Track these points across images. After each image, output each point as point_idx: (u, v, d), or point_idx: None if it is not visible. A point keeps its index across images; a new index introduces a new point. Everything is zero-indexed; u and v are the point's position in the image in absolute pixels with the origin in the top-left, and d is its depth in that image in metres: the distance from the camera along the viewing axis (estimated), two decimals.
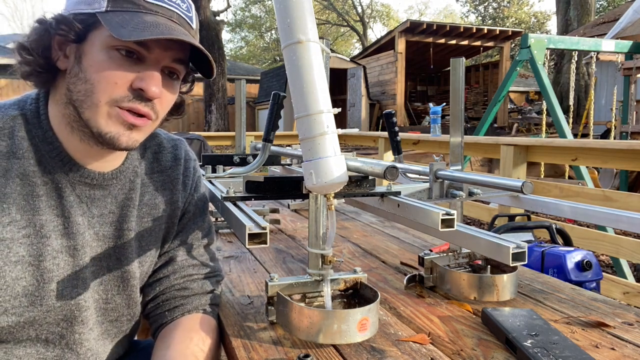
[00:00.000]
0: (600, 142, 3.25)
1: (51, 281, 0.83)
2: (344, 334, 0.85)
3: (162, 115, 0.88)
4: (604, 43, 6.14)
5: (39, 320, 0.84)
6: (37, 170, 0.83)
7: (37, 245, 0.82)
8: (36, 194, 0.82)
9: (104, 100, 0.79)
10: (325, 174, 0.81)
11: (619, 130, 7.21)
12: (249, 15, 35.28)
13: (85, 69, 0.80)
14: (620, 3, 20.06)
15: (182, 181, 1.03)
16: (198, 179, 1.08)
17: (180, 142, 1.07)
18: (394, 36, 14.10)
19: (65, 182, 0.85)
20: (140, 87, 0.80)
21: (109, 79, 0.79)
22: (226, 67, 13.44)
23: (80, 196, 0.87)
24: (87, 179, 0.87)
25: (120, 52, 0.79)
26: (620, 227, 1.19)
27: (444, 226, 0.93)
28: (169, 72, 0.85)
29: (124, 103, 0.80)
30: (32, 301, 0.82)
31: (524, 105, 16.95)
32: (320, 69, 0.81)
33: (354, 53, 31.95)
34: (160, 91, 0.82)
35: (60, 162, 0.85)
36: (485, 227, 2.72)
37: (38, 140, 0.84)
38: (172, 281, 1.00)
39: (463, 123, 1.26)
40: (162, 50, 0.82)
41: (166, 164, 1.02)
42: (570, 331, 0.91)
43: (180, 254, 1.02)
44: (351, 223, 1.91)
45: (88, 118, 0.80)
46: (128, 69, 0.79)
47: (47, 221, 0.83)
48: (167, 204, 1.00)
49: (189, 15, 0.87)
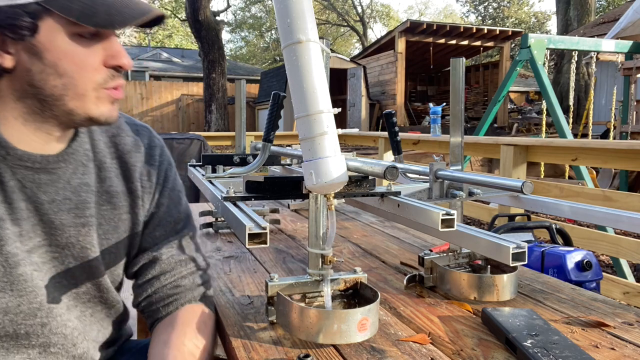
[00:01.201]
0: (600, 142, 3.25)
1: (18, 265, 0.81)
2: (344, 334, 0.85)
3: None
4: (604, 43, 6.14)
5: (12, 308, 0.82)
6: None
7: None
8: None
9: (90, 87, 0.80)
10: (325, 174, 0.81)
11: (618, 130, 7.21)
12: (249, 15, 35.30)
13: (54, 63, 0.77)
14: (620, 3, 20.06)
15: (144, 170, 0.98)
16: (168, 168, 1.03)
17: (144, 128, 1.02)
18: (394, 36, 14.10)
19: (4, 167, 0.81)
20: (117, 64, 0.81)
21: (88, 66, 0.79)
22: (226, 67, 13.45)
23: (22, 181, 0.83)
24: (27, 162, 0.82)
25: (85, 36, 0.78)
26: (620, 227, 1.19)
27: (444, 226, 0.93)
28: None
29: (107, 84, 0.81)
30: (2, 287, 0.81)
31: (524, 105, 16.96)
32: (320, 69, 0.81)
33: (354, 53, 31.96)
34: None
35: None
36: (485, 227, 2.72)
37: None
38: (162, 282, 0.99)
39: (463, 123, 1.26)
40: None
41: (124, 149, 0.96)
42: (570, 331, 0.91)
43: (164, 251, 0.99)
44: (351, 223, 1.91)
45: (73, 108, 0.80)
46: (97, 49, 0.80)
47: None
48: (126, 193, 0.96)
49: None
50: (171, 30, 34.08)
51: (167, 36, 34.46)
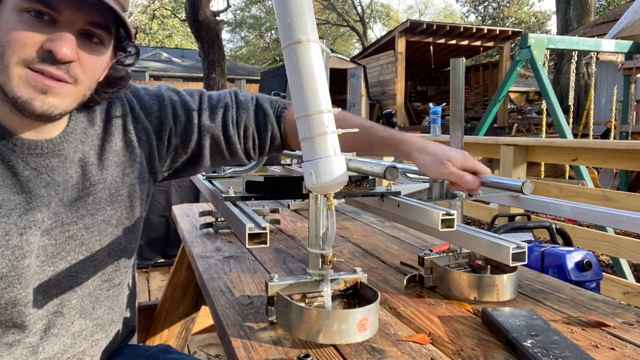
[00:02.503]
0: (600, 142, 3.25)
1: (24, 257, 0.82)
2: (344, 334, 0.85)
3: (85, 80, 0.83)
4: (604, 43, 6.14)
5: (20, 301, 0.83)
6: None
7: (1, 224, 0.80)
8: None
9: (14, 61, 0.76)
10: (325, 174, 0.80)
11: (619, 130, 7.21)
12: (249, 15, 35.29)
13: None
14: (620, 3, 20.06)
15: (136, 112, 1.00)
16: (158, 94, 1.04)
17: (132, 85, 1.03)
18: (394, 36, 14.10)
19: (15, 159, 0.83)
20: (49, 48, 0.77)
21: (18, 40, 0.76)
22: (226, 67, 13.45)
23: (37, 169, 0.85)
24: (36, 150, 0.85)
25: (30, 13, 0.76)
26: (620, 227, 1.19)
27: (444, 226, 0.93)
28: (88, 35, 0.82)
29: (35, 64, 0.77)
30: (11, 282, 0.82)
31: (524, 105, 16.95)
32: (320, 69, 0.81)
33: (354, 53, 31.95)
34: (73, 54, 0.79)
35: (2, 139, 0.82)
36: (485, 227, 2.72)
37: None
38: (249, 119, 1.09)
39: (463, 123, 1.26)
40: (73, 12, 0.79)
41: (116, 112, 0.98)
42: (570, 331, 0.91)
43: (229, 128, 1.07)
44: (351, 223, 1.91)
45: (3, 82, 0.78)
46: (38, 30, 0.77)
47: (5, 200, 0.81)
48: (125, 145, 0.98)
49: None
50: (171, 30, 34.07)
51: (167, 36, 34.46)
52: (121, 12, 0.80)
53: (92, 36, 0.82)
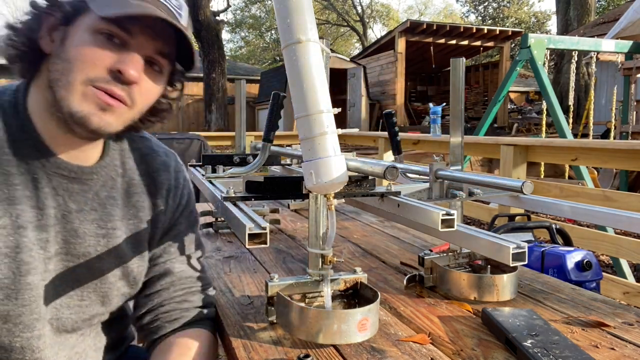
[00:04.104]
0: (600, 142, 3.25)
1: (28, 274, 0.81)
2: (344, 334, 0.85)
3: (139, 104, 0.85)
4: (604, 43, 6.14)
5: (12, 318, 0.81)
6: (13, 160, 0.81)
7: (14, 237, 0.79)
8: (11, 183, 0.80)
9: (80, 78, 0.78)
10: (325, 174, 0.81)
11: (619, 130, 7.21)
12: (249, 15, 35.28)
13: (67, 49, 0.79)
14: (620, 3, 20.06)
15: (171, 190, 1.01)
16: (189, 193, 1.07)
17: (171, 153, 1.06)
18: (394, 36, 14.10)
19: (41, 173, 0.83)
20: (118, 68, 0.78)
21: (88, 58, 0.78)
22: (226, 67, 13.45)
23: (56, 188, 0.85)
24: (64, 171, 0.85)
25: (104, 34, 0.78)
26: (620, 227, 1.19)
27: (444, 226, 0.93)
28: (151, 63, 0.84)
29: (100, 83, 0.79)
30: (8, 294, 0.80)
31: (524, 105, 16.95)
32: (320, 69, 0.81)
33: (354, 53, 31.94)
34: (140, 76, 0.81)
35: (37, 151, 0.83)
36: (485, 227, 2.72)
37: (15, 129, 0.82)
38: (171, 293, 0.99)
39: (463, 123, 1.26)
40: (146, 39, 0.81)
41: (154, 167, 1.00)
42: (570, 331, 0.91)
43: (177, 266, 1.01)
44: (351, 223, 1.91)
45: (61, 97, 0.79)
46: (109, 52, 0.79)
47: (23, 211, 0.81)
48: (151, 208, 0.98)
49: (179, 12, 0.85)
50: None
51: None
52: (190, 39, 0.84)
53: (154, 64, 0.85)
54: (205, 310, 1.01)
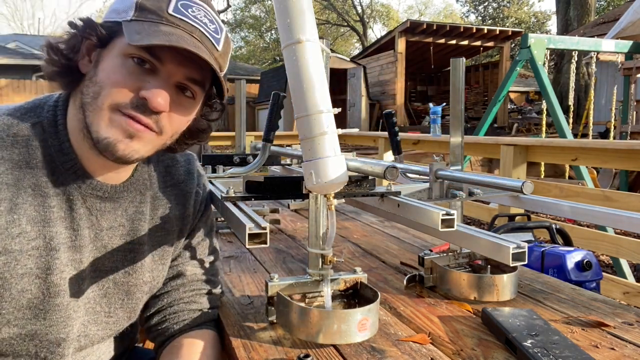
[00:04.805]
0: (600, 142, 3.25)
1: (57, 295, 0.81)
2: (344, 334, 0.85)
3: (170, 132, 0.85)
4: (604, 43, 6.14)
5: (40, 335, 0.82)
6: (50, 181, 0.81)
7: (45, 258, 0.80)
8: (48, 205, 0.80)
9: (107, 103, 0.78)
10: (325, 174, 0.81)
11: (618, 130, 7.21)
12: (249, 15, 35.27)
13: (98, 72, 0.79)
14: (620, 3, 20.06)
15: (195, 196, 1.02)
16: (208, 196, 1.08)
17: (192, 157, 1.06)
18: (394, 36, 14.10)
19: (77, 194, 0.84)
20: (145, 96, 0.78)
21: (116, 83, 0.78)
22: None
23: (90, 208, 0.86)
24: (98, 192, 0.86)
25: (134, 60, 0.78)
26: (620, 227, 1.19)
27: (444, 226, 0.93)
28: (183, 88, 0.83)
29: (127, 109, 0.78)
30: (36, 314, 0.81)
31: (524, 105, 16.95)
32: (320, 69, 0.81)
33: (354, 53, 31.94)
34: (166, 105, 0.80)
35: (74, 174, 0.83)
36: (485, 227, 2.72)
37: (53, 150, 0.82)
38: (180, 294, 1.00)
39: (463, 123, 1.27)
40: (176, 65, 0.80)
41: (179, 178, 1.00)
42: (570, 331, 0.91)
43: (189, 268, 1.01)
44: (351, 223, 1.91)
45: (91, 122, 0.79)
46: (137, 78, 0.78)
47: (57, 233, 0.81)
48: (179, 218, 0.99)
49: (216, 37, 0.84)
50: None
51: None
52: (219, 73, 0.82)
53: (185, 89, 0.84)
54: (213, 312, 1.02)
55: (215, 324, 1.02)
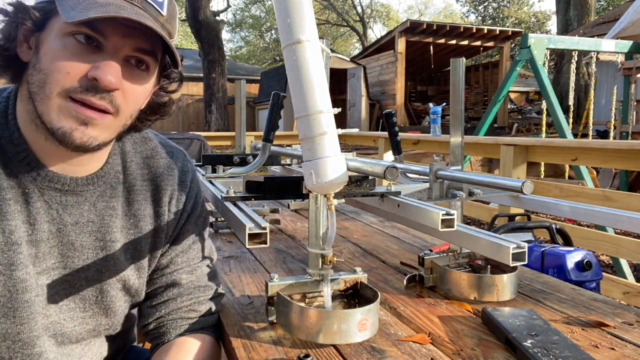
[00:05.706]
0: (600, 142, 3.25)
1: (25, 291, 0.78)
2: (344, 334, 0.85)
3: (127, 110, 0.79)
4: (604, 43, 6.14)
5: (11, 335, 0.79)
6: (3, 174, 0.77)
7: (7, 253, 0.76)
8: (3, 197, 0.77)
9: (56, 91, 0.73)
10: (325, 174, 0.81)
11: (618, 130, 7.21)
12: (249, 15, 35.28)
13: (41, 58, 0.74)
14: (620, 3, 20.06)
15: (174, 197, 0.95)
16: (197, 194, 1.00)
17: (178, 151, 1.00)
18: (394, 36, 14.10)
19: (32, 187, 0.79)
20: (94, 76, 0.72)
21: (62, 68, 0.72)
22: (226, 67, 13.44)
23: (49, 202, 0.81)
24: (56, 184, 0.81)
25: (76, 38, 0.73)
26: (620, 227, 1.19)
27: (444, 226, 0.93)
28: (136, 62, 0.78)
29: (77, 94, 0.73)
30: (5, 313, 0.78)
31: (524, 105, 16.96)
32: (320, 69, 0.81)
33: (354, 53, 31.92)
34: (119, 82, 0.75)
35: (27, 165, 0.79)
36: (485, 227, 2.72)
37: (4, 141, 0.78)
38: (178, 304, 0.96)
39: (463, 123, 1.26)
40: (121, 37, 0.75)
41: (157, 171, 0.94)
42: (570, 331, 0.91)
43: (184, 276, 0.97)
44: (351, 223, 1.91)
45: (42, 112, 0.74)
46: (83, 58, 0.73)
47: (16, 227, 0.77)
48: (152, 216, 0.93)
49: (159, 1, 0.79)
50: None
51: None
52: (168, 39, 0.77)
53: (138, 62, 0.79)
54: (212, 318, 0.99)
55: (214, 329, 0.99)
